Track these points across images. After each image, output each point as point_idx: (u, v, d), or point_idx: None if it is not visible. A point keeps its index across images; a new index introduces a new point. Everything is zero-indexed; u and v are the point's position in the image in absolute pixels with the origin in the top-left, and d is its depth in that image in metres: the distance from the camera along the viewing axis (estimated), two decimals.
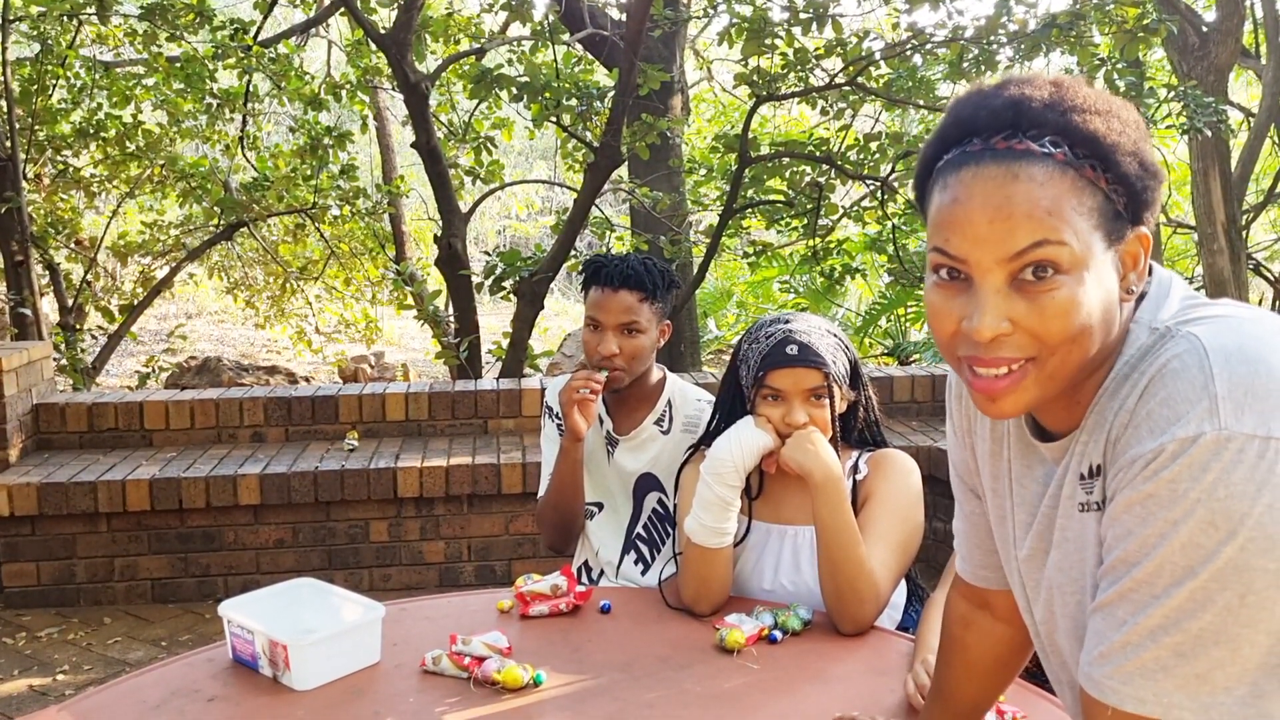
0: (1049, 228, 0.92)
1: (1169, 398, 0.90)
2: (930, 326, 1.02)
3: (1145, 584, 0.89)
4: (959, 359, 1.00)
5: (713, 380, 4.58)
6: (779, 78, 5.62)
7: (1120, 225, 0.96)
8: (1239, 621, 0.86)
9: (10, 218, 5.87)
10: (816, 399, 1.92)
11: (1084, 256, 0.93)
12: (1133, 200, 0.96)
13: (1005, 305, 0.94)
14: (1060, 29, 5.05)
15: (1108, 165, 0.94)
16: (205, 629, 3.77)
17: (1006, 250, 0.93)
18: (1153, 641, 0.89)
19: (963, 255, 0.95)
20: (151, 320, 11.33)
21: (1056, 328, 0.93)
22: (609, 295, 2.24)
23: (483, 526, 4.14)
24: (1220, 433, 0.86)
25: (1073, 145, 0.94)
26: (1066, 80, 0.98)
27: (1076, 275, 0.93)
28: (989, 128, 0.96)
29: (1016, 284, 0.94)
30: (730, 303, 11.60)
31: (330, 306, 9.36)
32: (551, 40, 6.01)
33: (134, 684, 1.66)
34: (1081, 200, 0.93)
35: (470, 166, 6.54)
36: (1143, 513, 0.90)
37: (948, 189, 0.97)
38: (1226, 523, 0.85)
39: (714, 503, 1.91)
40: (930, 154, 1.01)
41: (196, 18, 6.29)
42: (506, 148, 10.20)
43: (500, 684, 1.62)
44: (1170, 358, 0.92)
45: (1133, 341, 0.98)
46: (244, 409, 4.38)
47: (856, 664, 1.74)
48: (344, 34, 9.37)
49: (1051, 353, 0.95)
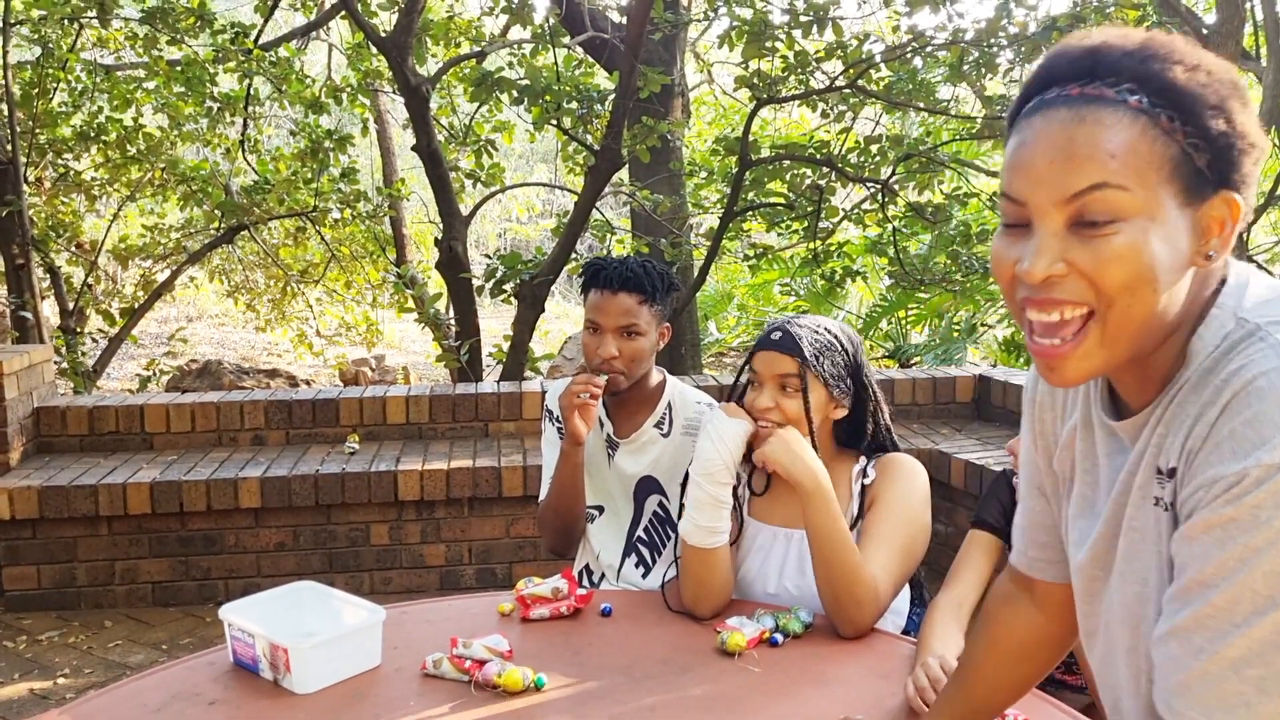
0: (1110, 170, 0.89)
1: (1254, 419, 0.87)
2: (993, 272, 1.00)
3: (1224, 610, 0.87)
4: (1020, 311, 0.97)
5: (713, 383, 4.58)
6: (779, 80, 5.63)
7: (1201, 184, 0.91)
8: None
9: (11, 221, 5.88)
10: (788, 389, 1.92)
11: (1149, 207, 0.89)
12: (1217, 159, 0.91)
13: (1060, 247, 0.92)
14: (1061, 31, 5.06)
15: (1187, 117, 0.90)
16: (206, 632, 3.77)
17: (1064, 191, 0.90)
18: (1235, 674, 0.86)
19: (1022, 197, 0.94)
20: (152, 323, 11.33)
21: (1113, 274, 0.90)
22: (608, 298, 2.24)
23: (483, 529, 4.14)
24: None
25: (1149, 93, 0.90)
26: (1161, 35, 0.95)
27: (1139, 224, 0.89)
28: (1066, 76, 0.94)
29: (1075, 229, 0.91)
30: (731, 305, 11.59)
31: (331, 309, 9.37)
32: (552, 43, 6.02)
33: (135, 687, 1.66)
34: (1154, 150, 0.89)
35: (471, 169, 6.55)
36: (1222, 536, 0.87)
37: (1017, 134, 0.96)
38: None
39: (705, 502, 1.91)
40: (1014, 110, 1.00)
41: (197, 21, 6.30)
42: (507, 151, 10.19)
43: (501, 687, 1.62)
44: (1258, 374, 0.88)
45: (1216, 328, 0.95)
46: (245, 412, 4.38)
47: (858, 667, 1.74)
48: (345, 37, 9.37)
49: (1110, 305, 0.91)
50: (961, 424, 4.65)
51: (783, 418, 1.91)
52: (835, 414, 1.99)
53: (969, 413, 4.77)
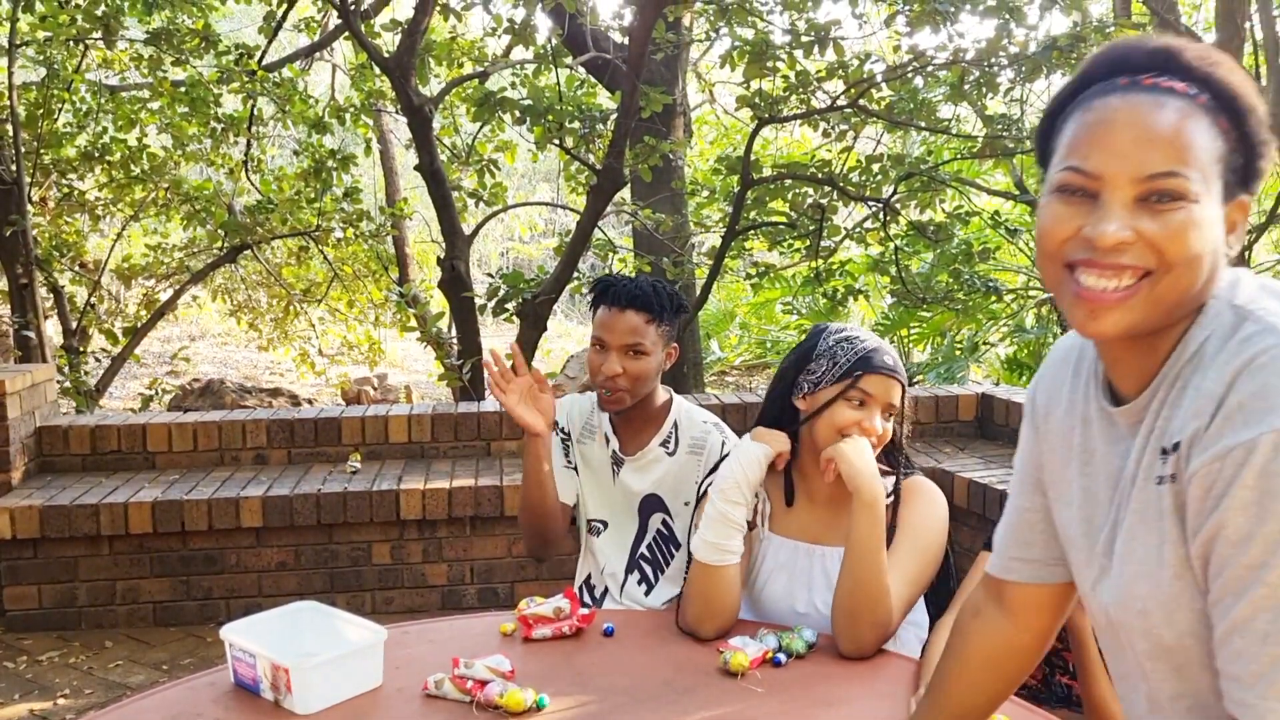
0: (1183, 159, 0.97)
1: (1261, 389, 0.91)
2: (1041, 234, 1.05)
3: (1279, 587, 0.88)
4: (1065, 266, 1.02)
5: (715, 402, 4.58)
6: (781, 100, 5.65)
7: (1233, 184, 1.01)
8: None
9: (15, 240, 5.89)
10: (888, 415, 1.95)
11: (1207, 194, 0.98)
12: (1249, 163, 1.01)
13: (1131, 217, 0.98)
14: (1061, 51, 5.07)
15: (1239, 122, 1.00)
16: (207, 652, 3.75)
17: (1143, 170, 0.97)
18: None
19: (1099, 170, 0.99)
20: (155, 343, 11.34)
21: (1179, 244, 0.97)
22: (615, 315, 2.24)
23: (485, 549, 4.13)
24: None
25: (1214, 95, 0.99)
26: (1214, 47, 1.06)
27: (1199, 206, 0.98)
28: (1141, 66, 1.02)
29: (1142, 203, 0.98)
30: (733, 324, 11.60)
31: (333, 328, 9.38)
32: (554, 63, 6.05)
33: (135, 708, 1.65)
34: (1214, 145, 0.99)
35: (473, 189, 6.56)
36: (1259, 511, 0.89)
37: (1092, 111, 1.02)
38: None
39: (716, 519, 1.91)
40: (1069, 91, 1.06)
41: (201, 42, 6.34)
42: (509, 170, 10.22)
43: (503, 708, 1.61)
44: (1259, 350, 0.93)
45: (1213, 315, 1.01)
46: (247, 431, 4.38)
47: (861, 687, 1.73)
48: (348, 58, 9.43)
49: (1168, 270, 0.98)
50: (964, 442, 4.64)
51: (879, 441, 1.94)
52: None
53: (971, 431, 4.76)
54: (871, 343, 1.97)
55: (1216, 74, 1.00)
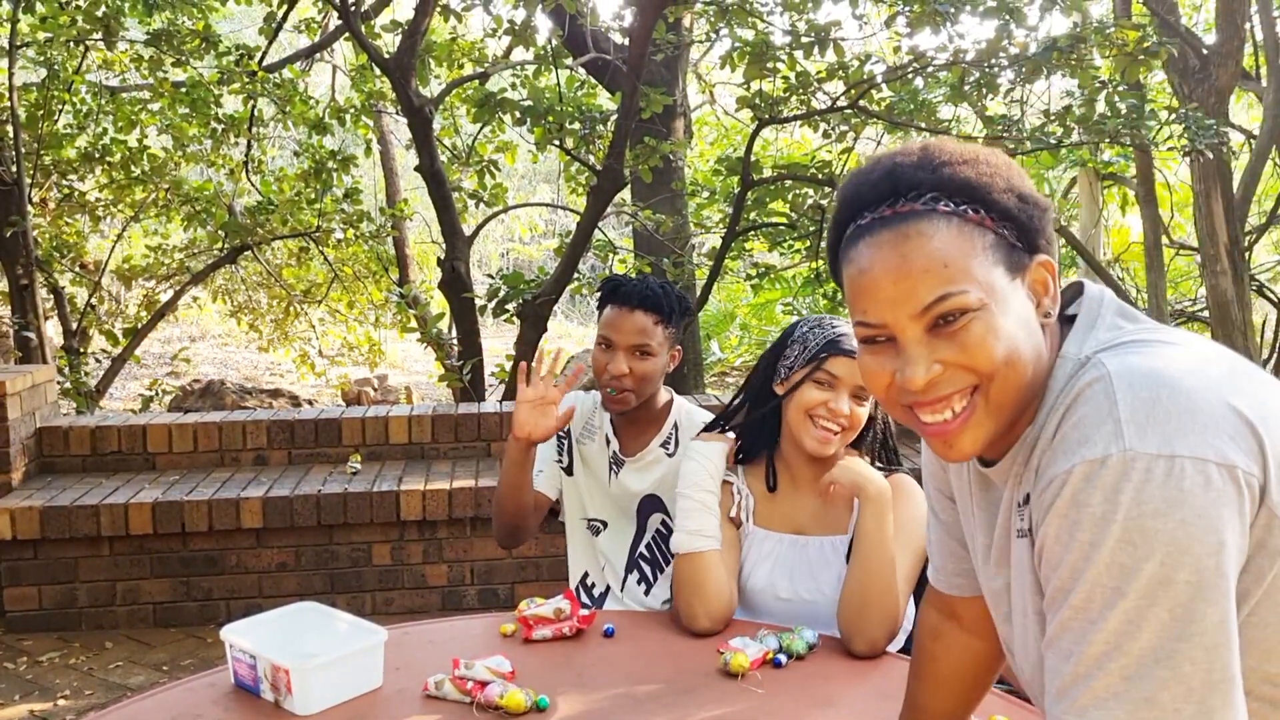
0: (947, 279, 0.98)
1: (1079, 422, 0.94)
2: (867, 385, 1.08)
3: (1082, 610, 0.91)
4: (903, 409, 1.05)
5: (716, 402, 4.58)
6: (781, 101, 5.64)
7: (1018, 256, 1.02)
8: (1173, 637, 0.88)
9: (15, 241, 5.89)
10: (859, 399, 1.95)
11: (989, 294, 0.99)
12: (1023, 231, 1.02)
13: (929, 351, 1.01)
14: (1061, 52, 5.07)
15: (987, 206, 1.01)
16: (207, 653, 3.75)
17: (915, 306, 0.99)
18: (1100, 669, 0.90)
19: (880, 320, 1.02)
20: (155, 343, 11.34)
21: (983, 355, 0.99)
22: (624, 315, 2.24)
23: (486, 550, 4.13)
24: (1125, 453, 0.89)
25: (950, 195, 1.01)
26: (933, 141, 1.06)
27: (986, 310, 0.99)
28: (872, 200, 1.04)
29: (934, 330, 1.00)
30: (733, 325, 11.61)
31: (333, 329, 9.37)
32: (554, 64, 6.05)
33: (135, 708, 1.65)
34: (972, 244, 0.99)
35: (474, 190, 6.56)
36: (1067, 539, 0.92)
37: (851, 263, 1.04)
38: (1144, 540, 0.88)
39: (690, 508, 1.96)
40: (833, 239, 1.09)
41: (202, 43, 6.34)
42: (510, 171, 10.22)
43: (503, 708, 1.61)
44: (1082, 385, 0.97)
45: (1059, 375, 1.03)
46: (247, 432, 4.38)
47: (861, 688, 1.73)
48: (348, 59, 9.43)
49: (990, 379, 1.00)
50: None
51: (853, 425, 1.95)
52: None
53: None
54: (843, 328, 1.99)
55: (943, 175, 1.01)
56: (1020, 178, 1.04)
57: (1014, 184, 1.03)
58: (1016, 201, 1.02)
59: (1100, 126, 5.24)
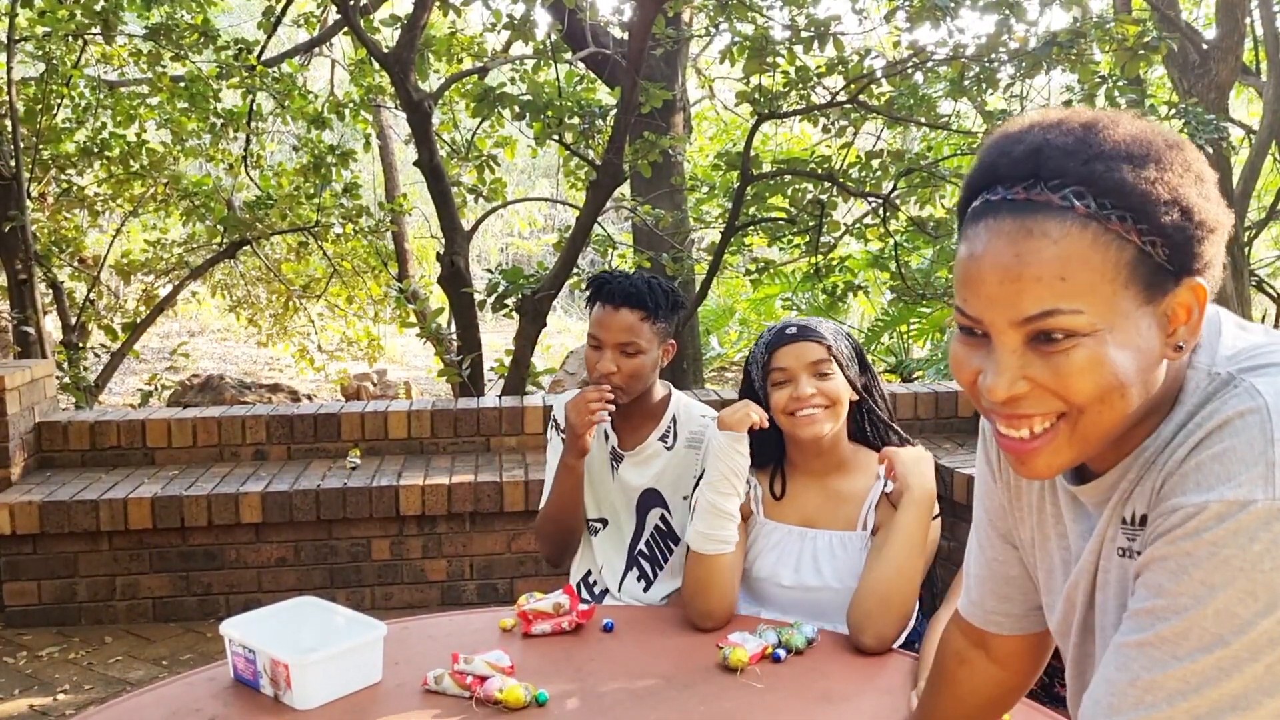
0: (1060, 294, 0.86)
1: (1223, 454, 0.85)
2: (954, 373, 0.99)
3: (1169, 642, 0.86)
4: (984, 409, 0.97)
5: (715, 398, 4.58)
6: (780, 96, 5.64)
7: (1162, 278, 0.88)
8: (1260, 690, 0.83)
9: (14, 236, 5.89)
10: (821, 374, 1.97)
11: (1107, 318, 0.87)
12: (1176, 252, 0.88)
13: (1020, 364, 0.90)
14: (1061, 47, 5.07)
15: (1139, 216, 0.86)
16: (207, 648, 3.75)
17: (1017, 314, 0.88)
18: (1169, 704, 0.85)
19: (977, 315, 0.91)
20: (154, 338, 11.34)
21: (1078, 387, 0.88)
22: (610, 313, 2.23)
23: (485, 545, 4.13)
24: (1274, 503, 0.82)
25: (1097, 195, 0.86)
26: (1102, 120, 0.91)
27: (1098, 337, 0.87)
28: (1009, 177, 0.90)
29: (1032, 344, 0.89)
30: (733, 320, 11.60)
31: (333, 324, 9.37)
32: (554, 59, 6.04)
33: (135, 703, 1.65)
34: (1106, 257, 0.86)
35: (473, 184, 6.56)
36: (1177, 569, 0.86)
37: (967, 242, 0.92)
38: (1267, 595, 0.82)
39: (706, 509, 1.96)
40: (963, 199, 0.97)
41: (201, 38, 6.33)
42: (509, 166, 10.21)
43: (502, 703, 1.61)
44: (1232, 413, 0.87)
45: (1192, 390, 0.93)
46: (246, 427, 4.38)
47: (860, 683, 1.73)
48: (347, 53, 9.41)
49: (1081, 411, 0.90)
50: (964, 439, 4.64)
51: (826, 401, 1.97)
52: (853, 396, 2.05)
53: (971, 427, 4.76)
54: (780, 324, 2.04)
55: (1097, 171, 0.87)
56: (1193, 187, 0.89)
57: (1181, 194, 0.88)
58: (1178, 217, 0.87)
59: None
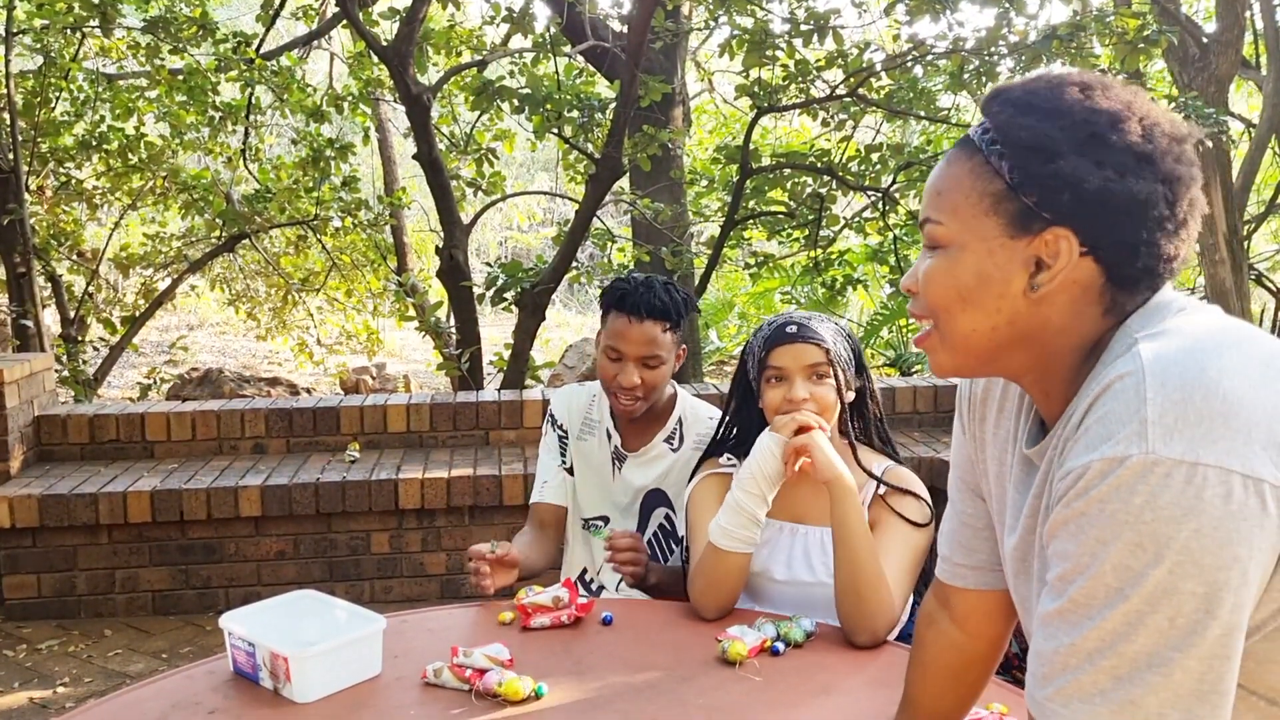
0: (935, 205, 1.03)
1: (1104, 416, 0.91)
2: None
3: (1081, 604, 0.90)
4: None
5: (714, 391, 4.58)
6: (780, 89, 5.64)
7: (1029, 219, 0.98)
8: (1169, 645, 0.86)
9: (12, 229, 5.88)
10: (818, 377, 1.95)
11: (962, 236, 1.01)
12: (1046, 199, 0.97)
13: (918, 264, 1.07)
14: (1061, 40, 5.06)
15: (1014, 158, 0.98)
16: (206, 641, 3.76)
17: (921, 217, 1.06)
18: (1090, 665, 0.89)
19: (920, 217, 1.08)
20: (153, 332, 11.34)
21: (927, 290, 1.04)
22: (634, 326, 2.19)
23: (484, 538, 4.13)
24: (1147, 456, 0.86)
25: (990, 132, 1.00)
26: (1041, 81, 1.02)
27: (950, 252, 1.02)
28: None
29: (926, 248, 1.06)
30: (732, 314, 11.60)
31: (332, 318, 9.36)
32: (553, 52, 6.03)
33: (134, 696, 1.66)
34: (975, 185, 1.00)
35: (472, 178, 6.55)
36: (1076, 530, 0.91)
37: None
38: (1154, 545, 0.85)
39: (733, 507, 1.93)
40: None
41: (199, 31, 6.32)
42: (508, 159, 10.21)
43: (501, 696, 1.61)
44: (1114, 377, 0.93)
45: (1112, 352, 0.99)
46: (245, 420, 4.38)
47: (858, 676, 1.73)
48: (346, 46, 9.39)
49: (934, 319, 1.05)
50: None
51: (817, 407, 1.94)
52: (848, 397, 2.03)
53: None
54: (780, 320, 2.00)
55: (1003, 116, 1.00)
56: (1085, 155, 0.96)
57: (1062, 151, 0.96)
58: (1049, 169, 0.96)
59: None
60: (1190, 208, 0.99)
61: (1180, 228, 0.99)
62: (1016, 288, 1.00)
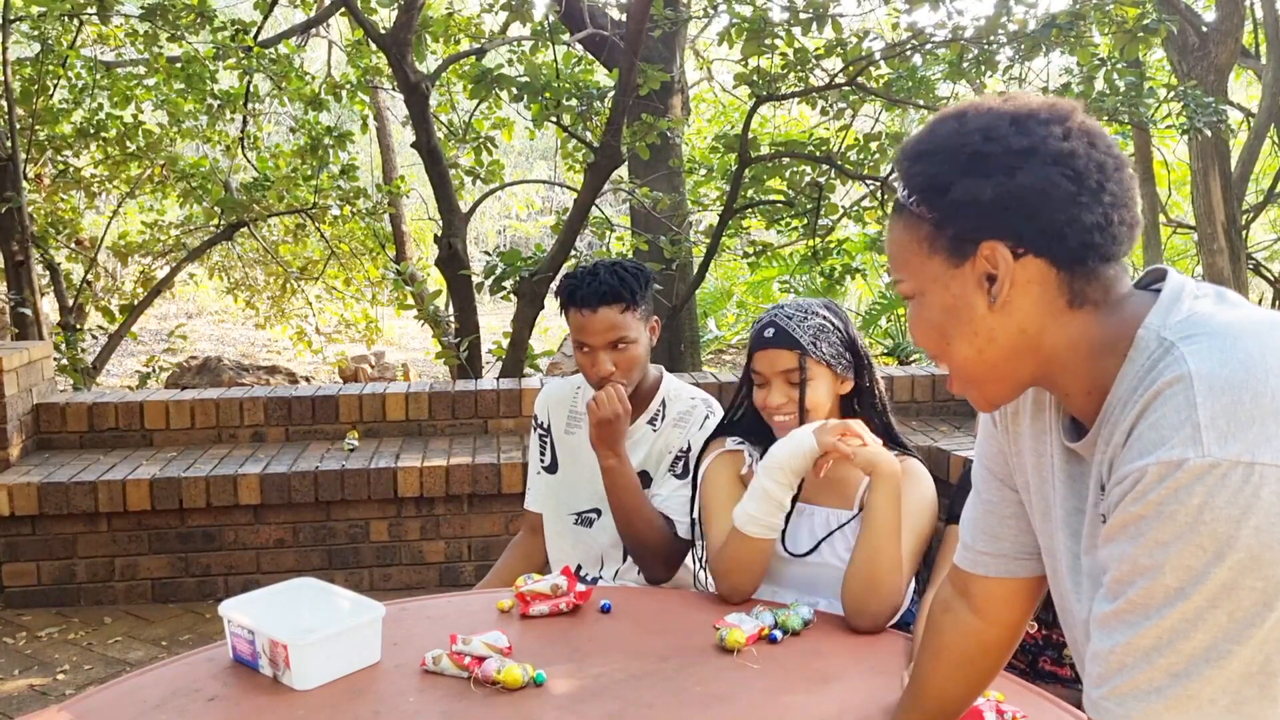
0: (895, 266, 1.13)
1: (1156, 422, 0.93)
2: None
3: (1139, 605, 0.92)
4: None
5: (713, 380, 4.58)
6: (779, 78, 5.62)
7: (962, 245, 1.06)
8: (1228, 639, 0.89)
9: (11, 218, 5.88)
10: (793, 383, 1.97)
11: (921, 283, 1.10)
12: (963, 224, 1.05)
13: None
14: (1060, 29, 5.05)
15: (929, 200, 1.07)
16: (205, 629, 3.77)
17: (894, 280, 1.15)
18: (1147, 663, 0.92)
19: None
20: (152, 320, 11.33)
21: (919, 342, 1.14)
22: (590, 317, 2.19)
23: (483, 526, 4.14)
24: (1204, 459, 0.88)
25: (905, 187, 1.10)
26: (924, 129, 1.11)
27: (918, 300, 1.11)
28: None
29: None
30: (730, 303, 11.60)
31: (330, 306, 9.36)
32: (552, 40, 6.02)
33: (134, 684, 1.66)
34: (911, 235, 1.09)
35: (470, 166, 6.54)
36: (1134, 533, 0.93)
37: None
38: (1214, 545, 0.88)
39: (759, 493, 1.93)
40: None
41: (197, 18, 6.29)
42: (506, 148, 10.19)
43: (500, 684, 1.62)
44: (1163, 384, 0.95)
45: (1142, 349, 1.00)
46: (244, 409, 4.39)
47: (856, 663, 1.74)
48: (344, 34, 9.37)
49: (940, 360, 1.13)
50: (960, 421, 4.65)
51: (797, 408, 1.97)
52: (843, 389, 2.04)
53: (967, 409, 4.77)
54: (764, 319, 2.02)
55: (906, 171, 1.09)
56: (968, 175, 1.04)
57: (946, 181, 1.05)
58: (948, 199, 1.05)
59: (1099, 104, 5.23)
60: (1101, 171, 1.02)
61: (1096, 195, 1.01)
62: (981, 308, 1.07)
